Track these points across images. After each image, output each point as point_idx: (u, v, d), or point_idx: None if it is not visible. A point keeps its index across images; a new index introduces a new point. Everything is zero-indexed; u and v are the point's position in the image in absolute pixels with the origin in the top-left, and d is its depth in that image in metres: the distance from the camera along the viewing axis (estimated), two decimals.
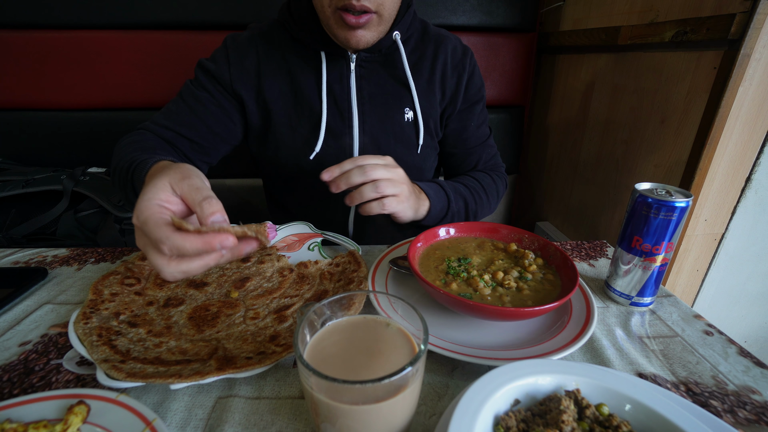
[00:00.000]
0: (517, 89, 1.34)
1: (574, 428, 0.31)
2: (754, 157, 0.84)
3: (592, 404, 0.34)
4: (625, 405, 0.34)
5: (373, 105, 0.76)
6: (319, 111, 0.74)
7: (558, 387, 0.35)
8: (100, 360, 0.41)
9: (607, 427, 0.32)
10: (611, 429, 0.32)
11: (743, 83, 0.76)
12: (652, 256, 0.53)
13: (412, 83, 0.75)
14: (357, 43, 0.66)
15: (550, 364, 0.36)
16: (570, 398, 0.34)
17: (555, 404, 0.33)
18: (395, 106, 0.77)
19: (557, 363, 0.37)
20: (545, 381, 0.35)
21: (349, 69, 0.74)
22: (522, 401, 0.35)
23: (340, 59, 0.74)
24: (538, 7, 1.26)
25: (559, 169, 1.39)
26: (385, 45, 0.73)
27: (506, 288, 0.51)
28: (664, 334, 0.52)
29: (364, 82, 0.75)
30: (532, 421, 0.33)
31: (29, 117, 1.22)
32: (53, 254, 0.71)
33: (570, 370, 0.36)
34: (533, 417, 0.33)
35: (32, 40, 1.15)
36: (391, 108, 0.77)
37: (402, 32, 0.73)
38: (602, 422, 0.32)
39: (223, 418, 0.39)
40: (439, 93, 0.79)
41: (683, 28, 0.83)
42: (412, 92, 0.76)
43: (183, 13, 1.15)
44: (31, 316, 0.54)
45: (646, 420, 0.33)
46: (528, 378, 0.35)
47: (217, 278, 0.59)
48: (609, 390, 0.34)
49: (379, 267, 0.60)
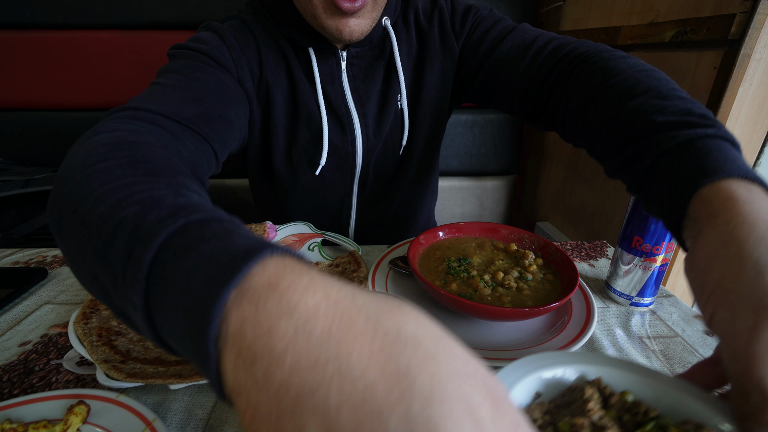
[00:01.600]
0: None
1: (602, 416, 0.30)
2: (755, 158, 0.84)
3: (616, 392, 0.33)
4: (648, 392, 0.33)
5: (371, 104, 0.68)
6: (318, 119, 0.65)
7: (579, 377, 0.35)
8: (100, 360, 0.41)
9: (636, 413, 0.31)
10: (639, 415, 0.31)
11: (743, 83, 0.76)
12: (652, 257, 0.53)
13: (399, 67, 0.66)
14: (351, 33, 0.56)
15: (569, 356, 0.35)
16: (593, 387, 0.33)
17: (578, 394, 0.32)
18: (390, 99, 0.68)
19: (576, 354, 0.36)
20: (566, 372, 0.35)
21: (340, 68, 0.65)
22: (543, 393, 0.35)
23: (329, 57, 0.64)
24: (538, 7, 1.26)
25: (559, 169, 1.39)
26: (376, 35, 0.64)
27: (506, 288, 0.51)
28: (665, 335, 0.52)
29: (358, 82, 0.67)
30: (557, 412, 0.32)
31: (29, 117, 1.22)
32: (53, 254, 0.70)
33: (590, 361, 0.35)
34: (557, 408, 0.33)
35: (32, 40, 1.15)
36: (387, 102, 0.69)
37: (390, 16, 0.64)
38: (629, 409, 0.32)
39: (223, 418, 0.39)
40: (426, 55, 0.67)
41: (683, 28, 0.83)
42: (399, 77, 0.66)
43: (183, 14, 1.15)
44: (31, 316, 0.54)
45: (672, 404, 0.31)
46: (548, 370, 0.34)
47: None
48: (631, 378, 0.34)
49: (379, 267, 0.60)
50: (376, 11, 0.58)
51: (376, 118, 0.69)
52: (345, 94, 0.66)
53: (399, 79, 0.67)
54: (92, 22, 1.14)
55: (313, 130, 0.66)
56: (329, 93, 0.65)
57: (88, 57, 1.17)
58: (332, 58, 0.64)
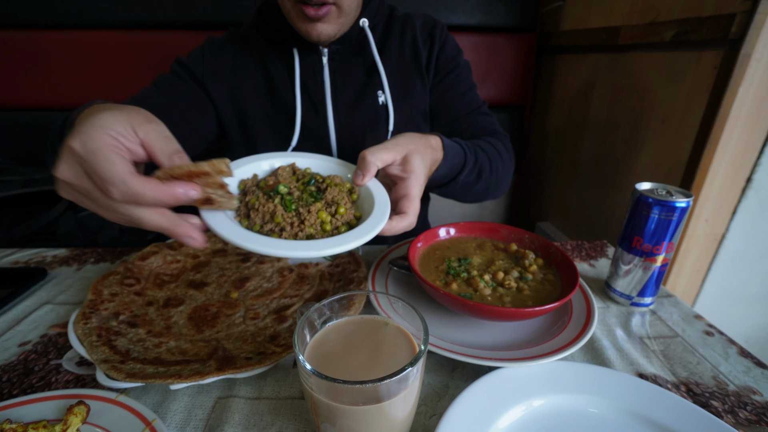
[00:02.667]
0: (517, 89, 1.34)
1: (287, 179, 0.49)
2: (755, 157, 0.84)
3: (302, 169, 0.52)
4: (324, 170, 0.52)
5: (346, 95, 0.77)
6: (293, 106, 0.75)
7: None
8: (99, 360, 0.41)
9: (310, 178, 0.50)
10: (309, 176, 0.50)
11: (743, 83, 0.76)
12: (652, 257, 0.53)
13: (380, 66, 0.75)
14: (318, 35, 0.67)
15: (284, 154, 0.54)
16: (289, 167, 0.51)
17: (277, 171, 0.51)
18: (369, 92, 0.77)
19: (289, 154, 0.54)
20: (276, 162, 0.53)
21: (322, 63, 0.75)
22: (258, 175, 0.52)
23: (312, 54, 0.75)
24: (538, 7, 1.26)
25: (559, 169, 1.39)
26: (354, 34, 0.74)
27: (506, 288, 0.51)
28: (665, 335, 0.52)
29: (337, 75, 0.76)
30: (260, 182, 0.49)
31: (29, 117, 1.22)
32: (53, 254, 0.70)
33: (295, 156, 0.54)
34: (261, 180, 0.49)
35: (32, 40, 1.15)
36: (365, 95, 0.77)
37: (369, 19, 0.74)
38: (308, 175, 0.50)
39: (223, 419, 0.39)
40: (417, 72, 0.79)
41: (683, 28, 0.83)
42: (381, 75, 0.76)
43: (183, 13, 1.15)
44: (31, 317, 0.54)
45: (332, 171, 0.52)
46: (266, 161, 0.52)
47: (216, 278, 0.59)
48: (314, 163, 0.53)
49: (379, 267, 0.60)
50: (343, 17, 0.68)
51: (350, 106, 0.78)
52: (324, 84, 0.76)
53: (380, 76, 0.76)
54: (92, 22, 1.14)
55: (290, 116, 0.77)
56: (309, 84, 0.76)
57: (88, 57, 1.17)
58: (315, 55, 0.75)
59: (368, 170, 0.47)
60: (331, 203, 0.46)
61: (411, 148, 0.49)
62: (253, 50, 0.77)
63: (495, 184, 0.71)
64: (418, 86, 0.80)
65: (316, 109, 0.77)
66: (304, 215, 0.43)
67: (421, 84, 0.80)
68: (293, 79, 0.75)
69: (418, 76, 0.79)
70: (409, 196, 0.48)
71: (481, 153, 0.66)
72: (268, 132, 0.78)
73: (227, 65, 0.76)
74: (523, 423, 0.38)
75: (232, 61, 0.76)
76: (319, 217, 0.44)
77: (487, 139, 0.73)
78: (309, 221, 0.43)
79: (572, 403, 0.39)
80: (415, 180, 0.48)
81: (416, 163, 0.49)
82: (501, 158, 0.72)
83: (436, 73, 0.81)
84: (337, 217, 0.45)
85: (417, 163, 0.49)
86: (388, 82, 0.76)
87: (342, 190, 0.48)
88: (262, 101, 0.77)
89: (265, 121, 0.78)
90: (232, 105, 0.77)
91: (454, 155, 0.58)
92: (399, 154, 0.49)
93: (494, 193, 0.74)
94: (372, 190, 0.49)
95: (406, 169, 0.49)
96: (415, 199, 0.48)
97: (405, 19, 0.80)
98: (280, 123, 0.77)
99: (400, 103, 0.78)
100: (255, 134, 0.78)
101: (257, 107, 0.77)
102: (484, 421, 0.37)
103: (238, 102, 0.77)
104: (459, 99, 0.81)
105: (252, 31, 0.78)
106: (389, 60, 0.78)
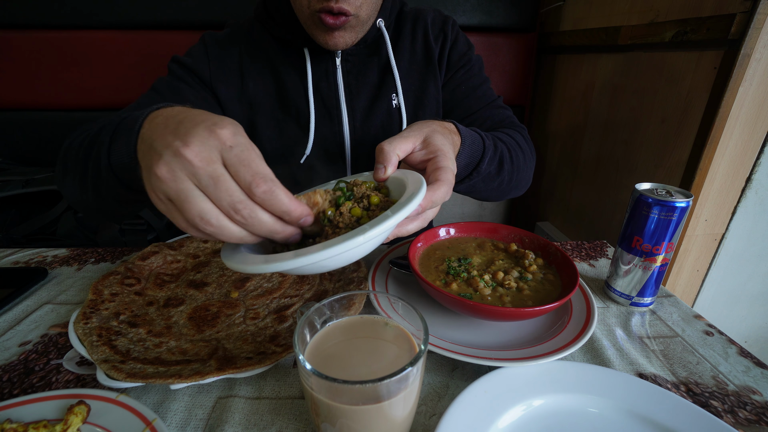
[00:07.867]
0: (517, 89, 1.34)
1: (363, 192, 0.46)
2: (755, 157, 0.84)
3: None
4: None
5: (361, 99, 0.74)
6: (306, 112, 0.71)
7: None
8: (100, 360, 0.41)
9: None
10: None
11: (743, 83, 0.76)
12: (652, 256, 0.53)
13: (395, 67, 0.73)
14: (335, 44, 0.64)
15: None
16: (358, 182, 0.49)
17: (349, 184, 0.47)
18: (383, 95, 0.74)
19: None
20: None
21: (335, 65, 0.71)
22: None
23: (325, 55, 0.71)
24: (538, 7, 1.26)
25: (559, 169, 1.39)
26: (370, 35, 0.71)
27: (506, 288, 0.51)
28: (665, 335, 0.52)
29: (351, 77, 0.73)
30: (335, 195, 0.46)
31: (29, 117, 1.22)
32: (53, 254, 0.70)
33: None
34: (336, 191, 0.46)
35: (32, 40, 1.15)
36: (379, 98, 0.74)
37: (385, 18, 0.71)
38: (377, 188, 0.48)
39: (223, 418, 0.39)
40: (429, 70, 0.76)
41: (683, 28, 0.83)
42: (395, 77, 0.73)
43: (183, 13, 1.15)
44: (31, 316, 0.54)
45: None
46: None
47: (217, 278, 0.59)
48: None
49: (379, 267, 0.60)
50: (360, 26, 0.65)
51: (365, 111, 0.74)
52: (338, 88, 0.72)
53: (395, 78, 0.72)
54: (93, 22, 1.14)
55: (302, 122, 0.72)
56: (322, 88, 0.72)
57: (88, 57, 1.17)
58: (327, 56, 0.71)
59: (389, 160, 0.44)
60: (360, 199, 0.44)
61: (427, 130, 0.47)
62: (259, 49, 0.72)
63: (517, 177, 0.68)
64: (431, 86, 0.76)
65: (330, 115, 0.72)
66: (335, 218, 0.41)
67: (434, 83, 0.77)
68: (305, 83, 0.70)
69: (431, 75, 0.76)
70: (442, 168, 0.44)
71: (499, 143, 0.63)
72: (277, 138, 0.73)
73: (233, 66, 0.71)
74: (523, 423, 0.38)
75: (239, 61, 0.71)
76: (353, 213, 0.41)
77: (504, 130, 0.70)
78: (343, 221, 0.41)
79: (572, 402, 0.40)
80: (443, 155, 0.45)
81: (438, 141, 0.46)
82: (521, 149, 0.68)
83: (448, 69, 0.78)
84: (372, 208, 0.43)
85: (439, 140, 0.46)
86: (401, 84, 0.73)
87: (369, 186, 0.46)
88: (271, 104, 0.72)
89: (274, 127, 0.73)
90: (240, 108, 0.72)
91: (471, 141, 0.55)
92: (418, 139, 0.46)
93: (517, 186, 0.70)
94: (400, 176, 0.45)
95: (430, 150, 0.46)
96: (448, 170, 0.44)
97: (416, 14, 0.77)
98: (292, 129, 0.73)
99: (413, 106, 0.76)
100: (263, 140, 0.73)
101: (267, 111, 0.72)
102: (484, 421, 0.37)
103: (248, 105, 0.72)
104: (472, 93, 0.78)
105: (256, 26, 0.73)
106: (402, 61, 0.74)
